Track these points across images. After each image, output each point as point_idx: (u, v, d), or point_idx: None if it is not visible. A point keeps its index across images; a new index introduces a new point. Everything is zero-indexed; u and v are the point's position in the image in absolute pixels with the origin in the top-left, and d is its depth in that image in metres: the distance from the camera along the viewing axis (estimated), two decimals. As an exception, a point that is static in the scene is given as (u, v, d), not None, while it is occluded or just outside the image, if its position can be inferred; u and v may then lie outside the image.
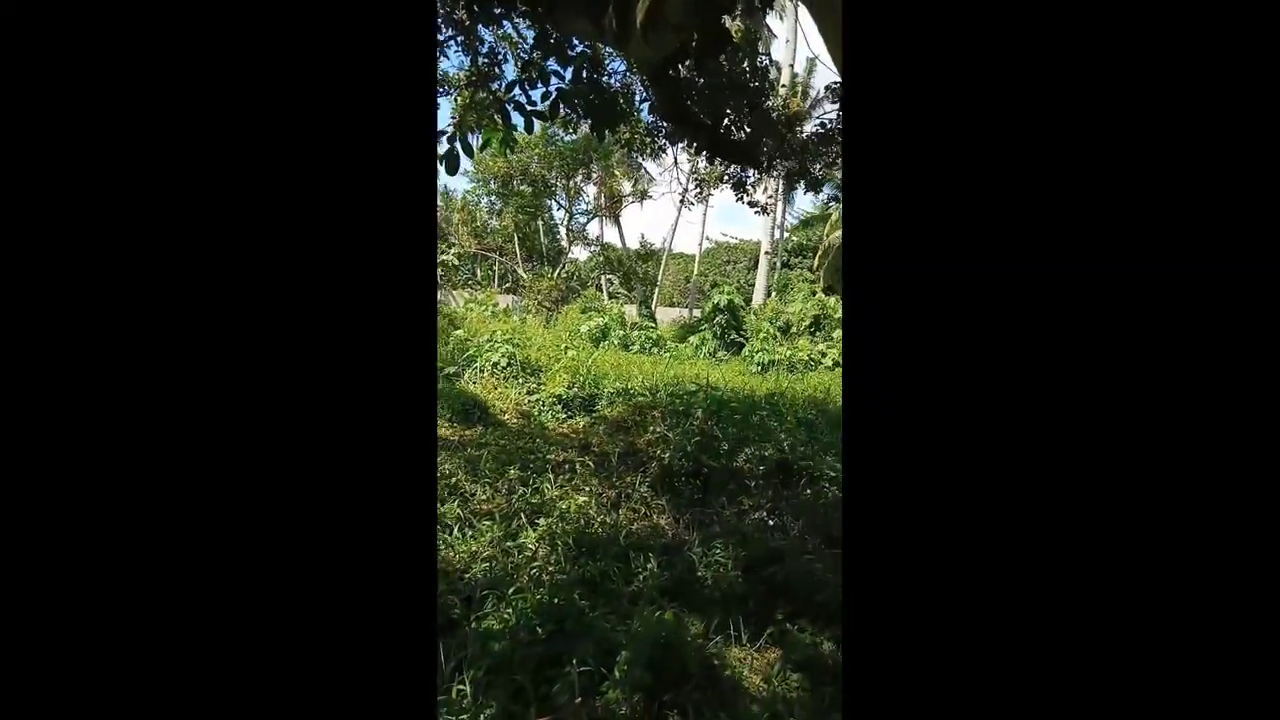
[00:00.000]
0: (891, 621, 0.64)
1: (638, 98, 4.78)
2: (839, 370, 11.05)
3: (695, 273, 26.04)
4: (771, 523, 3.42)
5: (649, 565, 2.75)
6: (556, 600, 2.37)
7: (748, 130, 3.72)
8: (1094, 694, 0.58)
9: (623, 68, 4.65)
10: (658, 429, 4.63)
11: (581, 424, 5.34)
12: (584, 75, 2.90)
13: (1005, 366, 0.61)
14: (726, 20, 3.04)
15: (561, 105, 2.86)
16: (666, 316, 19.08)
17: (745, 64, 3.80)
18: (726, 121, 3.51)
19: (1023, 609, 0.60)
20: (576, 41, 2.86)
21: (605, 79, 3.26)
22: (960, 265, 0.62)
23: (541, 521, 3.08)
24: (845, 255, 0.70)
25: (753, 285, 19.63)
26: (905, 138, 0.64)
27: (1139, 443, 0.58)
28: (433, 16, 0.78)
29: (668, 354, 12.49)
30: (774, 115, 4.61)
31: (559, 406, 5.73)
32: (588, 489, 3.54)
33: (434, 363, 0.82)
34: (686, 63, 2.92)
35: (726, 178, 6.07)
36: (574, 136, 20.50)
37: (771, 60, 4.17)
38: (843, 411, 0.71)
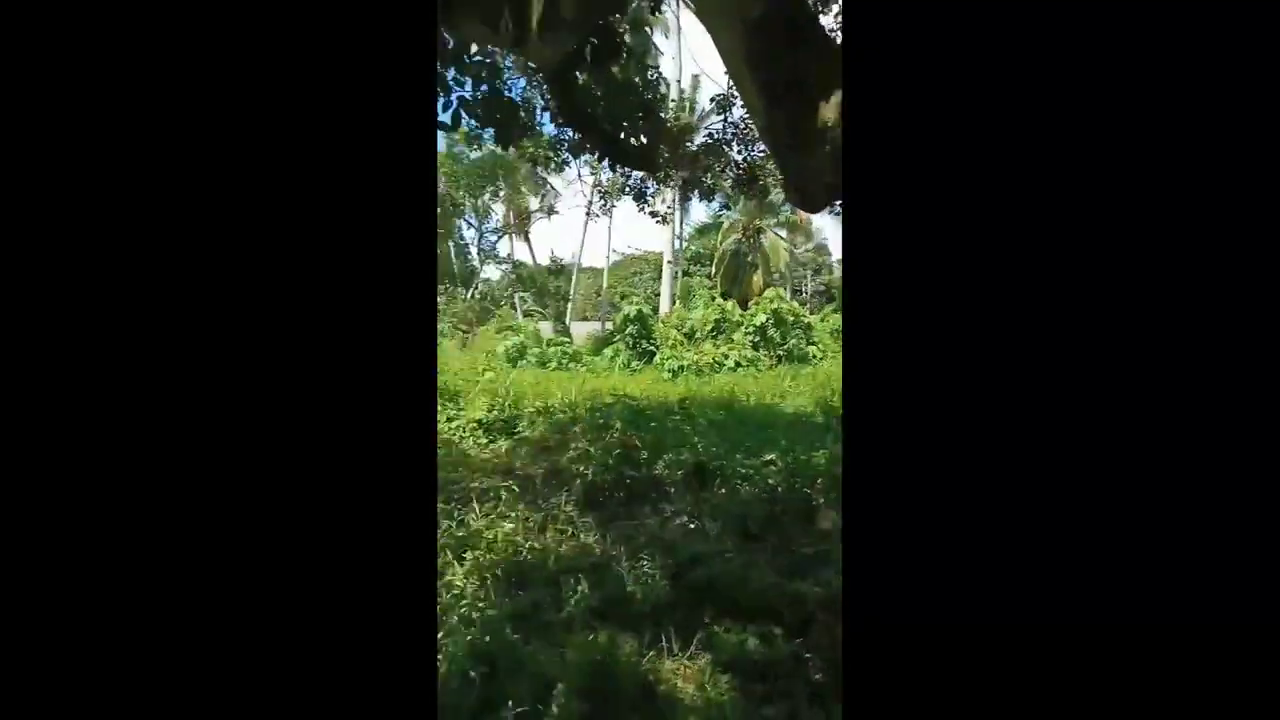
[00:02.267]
0: (891, 623, 0.64)
1: (538, 110, 4.72)
2: (740, 370, 11.53)
3: (605, 285, 26.16)
4: (692, 526, 3.45)
5: (579, 588, 2.66)
6: (488, 639, 2.23)
7: (644, 138, 3.78)
8: (1095, 694, 0.59)
9: (523, 82, 4.59)
10: (579, 445, 4.54)
11: (504, 447, 5.13)
12: (483, 84, 2.81)
13: (1003, 366, 0.62)
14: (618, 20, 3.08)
15: (463, 114, 2.75)
16: (581, 331, 18.96)
17: (636, 73, 3.86)
18: (626, 127, 3.55)
19: (1022, 607, 0.61)
20: (475, 49, 2.76)
21: (505, 89, 3.18)
22: (958, 267, 0.63)
23: (469, 555, 2.89)
24: (845, 256, 0.70)
25: (659, 295, 20.03)
26: (905, 138, 0.65)
27: (1137, 444, 0.60)
28: (433, 17, 0.77)
29: (584, 368, 12.40)
30: (668, 125, 4.73)
31: (480, 431, 5.48)
32: (513, 515, 3.38)
33: (434, 363, 0.83)
34: (584, 66, 2.92)
35: (628, 188, 6.17)
36: (479, 154, 19.97)
37: (660, 74, 4.29)
38: (843, 411, 0.70)
